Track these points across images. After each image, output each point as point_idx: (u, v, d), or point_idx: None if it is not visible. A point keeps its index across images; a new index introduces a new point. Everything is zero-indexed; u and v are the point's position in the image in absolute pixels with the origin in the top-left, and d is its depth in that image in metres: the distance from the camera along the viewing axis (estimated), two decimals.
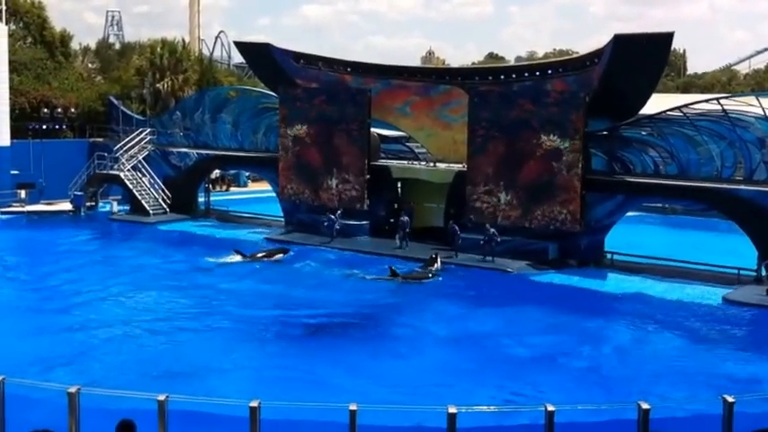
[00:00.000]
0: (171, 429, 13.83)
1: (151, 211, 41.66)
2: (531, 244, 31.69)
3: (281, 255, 33.03)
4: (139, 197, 42.09)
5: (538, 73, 34.41)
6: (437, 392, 17.68)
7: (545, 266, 31.03)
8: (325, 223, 35.14)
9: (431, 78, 37.44)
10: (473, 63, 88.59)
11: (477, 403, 15.38)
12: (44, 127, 46.53)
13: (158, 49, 54.07)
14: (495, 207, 32.48)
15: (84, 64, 63.40)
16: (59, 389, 15.20)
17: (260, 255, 32.71)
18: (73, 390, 14.50)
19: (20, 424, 14.45)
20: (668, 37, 28.98)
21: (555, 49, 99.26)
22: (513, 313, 25.37)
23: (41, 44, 53.78)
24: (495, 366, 20.02)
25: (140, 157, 43.15)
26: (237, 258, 32.17)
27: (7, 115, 44.17)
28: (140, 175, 42.74)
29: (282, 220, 39.40)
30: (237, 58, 64.40)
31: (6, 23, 45.37)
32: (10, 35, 47.03)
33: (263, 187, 45.83)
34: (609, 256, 31.95)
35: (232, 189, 53.10)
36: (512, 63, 73.70)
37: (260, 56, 39.82)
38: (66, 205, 43.22)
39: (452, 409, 13.87)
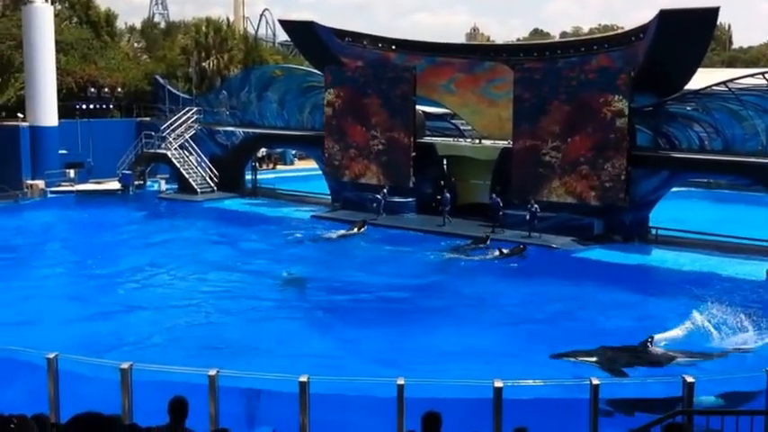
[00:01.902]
0: (224, 404, 14.34)
1: (198, 190, 42.30)
2: (575, 220, 31.70)
3: (363, 228, 33.82)
4: (187, 176, 42.73)
5: (583, 49, 34.25)
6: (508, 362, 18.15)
7: (590, 242, 31.07)
8: (374, 202, 35.43)
9: (475, 55, 37.40)
10: (518, 39, 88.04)
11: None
12: (91, 107, 47.23)
13: (203, 28, 54.63)
14: (539, 184, 32.48)
15: (130, 43, 64.13)
16: (112, 365, 15.74)
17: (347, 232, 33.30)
18: (125, 366, 14.99)
19: (74, 400, 15.00)
20: (714, 11, 28.70)
21: (600, 25, 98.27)
22: (566, 288, 25.57)
23: (87, 24, 54.45)
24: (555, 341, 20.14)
25: (187, 136, 43.74)
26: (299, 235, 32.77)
27: (55, 95, 44.73)
28: (187, 154, 43.36)
29: (329, 197, 39.76)
30: (282, 36, 64.66)
31: (52, 3, 45.86)
32: (56, 15, 47.42)
33: (309, 165, 46.23)
34: (654, 231, 31.92)
35: (278, 167, 53.55)
36: (557, 39, 72.88)
37: (304, 34, 40.02)
38: (114, 184, 43.88)
39: (498, 383, 14.17)
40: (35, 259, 31.14)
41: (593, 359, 18.08)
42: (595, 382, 14.13)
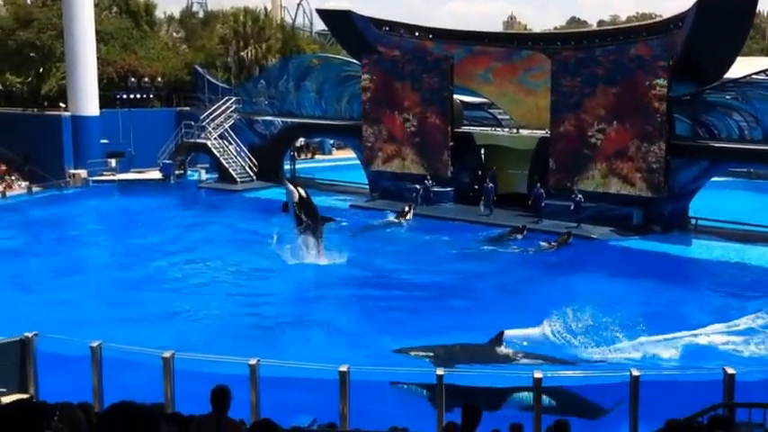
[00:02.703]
0: (267, 393, 14.59)
1: (238, 179, 42.72)
2: (614, 210, 31.58)
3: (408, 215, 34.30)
4: (226, 165, 43.17)
5: (621, 37, 33.98)
6: None
7: (629, 232, 30.95)
8: (413, 192, 35.48)
9: (513, 44, 37.27)
10: (555, 28, 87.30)
11: None
12: (132, 96, 47.75)
13: (241, 18, 54.90)
14: (578, 174, 32.38)
15: (169, 33, 64.57)
16: (154, 353, 16.06)
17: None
18: (167, 354, 15.31)
19: (116, 387, 15.34)
20: (753, 0, 28.35)
21: (638, 13, 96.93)
22: (603, 279, 25.59)
23: (127, 14, 54.88)
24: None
25: (226, 126, 44.13)
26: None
27: (96, 85, 45.30)
28: (227, 144, 43.78)
29: (367, 187, 39.98)
30: (319, 25, 64.71)
31: None
32: (96, 5, 47.80)
33: (347, 155, 46.42)
34: (693, 221, 31.70)
35: (317, 157, 53.78)
36: (594, 27, 72.24)
37: (341, 23, 40.17)
38: (155, 174, 44.47)
39: (538, 374, 14.29)
40: (81, 246, 31.84)
41: (431, 354, 18.10)
42: (635, 373, 14.28)
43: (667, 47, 31.34)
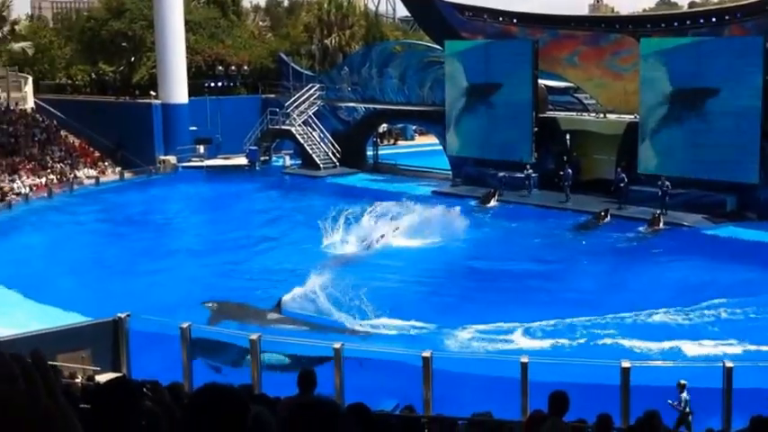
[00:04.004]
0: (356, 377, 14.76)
1: (321, 165, 43.18)
2: (707, 196, 30.69)
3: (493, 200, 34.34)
4: (310, 151, 43.65)
5: (714, 19, 32.93)
6: None
7: (722, 219, 30.04)
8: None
9: (600, 27, 36.60)
10: (644, 10, 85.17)
11: None
12: (219, 84, 48.76)
13: (325, 6, 55.37)
14: (668, 160, 31.59)
15: (255, 22, 65.77)
16: (242, 335, 16.44)
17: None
18: (254, 337, 15.70)
19: (201, 366, 15.77)
20: None
21: None
22: (697, 268, 25.03)
23: (214, 4, 56.01)
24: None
25: (310, 112, 44.59)
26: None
27: (185, 74, 46.47)
28: (311, 130, 44.26)
29: (449, 173, 39.87)
30: (402, 11, 64.89)
31: None
32: None
33: (429, 140, 46.40)
34: None
35: (399, 142, 53.93)
36: (685, 9, 70.23)
37: (425, 9, 40.12)
38: (241, 160, 45.33)
39: (626, 364, 14.04)
40: (170, 230, 32.83)
41: (212, 306, 20.85)
42: (729, 365, 13.90)
43: (763, 28, 30.20)
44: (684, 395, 13.99)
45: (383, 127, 50.23)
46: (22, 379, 1.57)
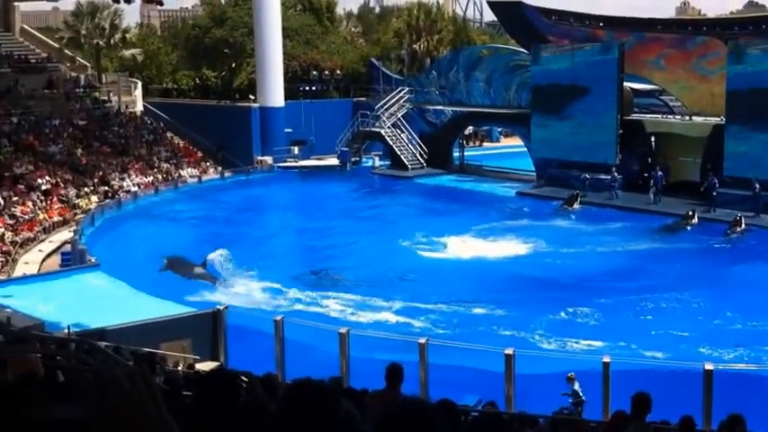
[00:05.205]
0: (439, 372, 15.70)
1: (409, 166, 44.58)
2: None
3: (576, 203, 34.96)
4: (399, 152, 45.10)
5: None
6: None
7: None
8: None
9: (687, 30, 36.88)
10: (732, 13, 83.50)
11: None
12: (313, 88, 50.66)
13: (415, 12, 56.77)
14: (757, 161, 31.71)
15: (348, 28, 67.49)
16: (331, 329, 17.54)
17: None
18: (343, 330, 16.72)
19: (295, 360, 16.81)
20: None
21: None
22: None
23: (310, 11, 57.85)
24: None
25: (399, 115, 46.01)
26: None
27: (281, 78, 48.46)
28: (399, 132, 45.72)
29: (533, 174, 40.69)
30: (489, 16, 65.61)
31: None
32: (282, 4, 50.73)
33: (514, 142, 47.26)
34: None
35: (485, 144, 54.83)
36: None
37: (512, 14, 41.04)
38: (333, 160, 47.11)
39: (709, 366, 14.56)
40: (268, 225, 34.81)
41: (166, 262, 25.97)
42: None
43: None
44: (576, 386, 15.07)
45: (469, 129, 51.23)
46: (129, 385, 1.62)
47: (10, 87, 41.48)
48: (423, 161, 45.04)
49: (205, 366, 15.87)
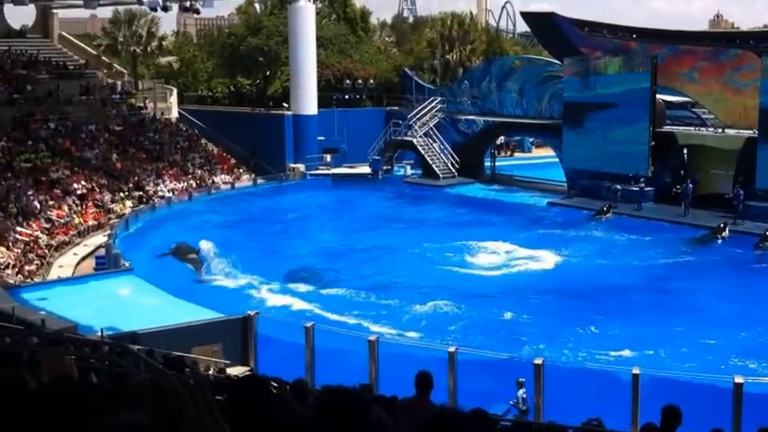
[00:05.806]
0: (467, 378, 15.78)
1: (441, 175, 44.74)
2: None
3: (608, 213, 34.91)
4: (430, 162, 45.29)
5: None
6: None
7: None
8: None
9: (720, 43, 36.69)
10: (765, 26, 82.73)
11: None
12: (346, 97, 51.06)
13: (448, 22, 57.03)
14: None
15: (382, 38, 67.94)
16: (360, 336, 17.67)
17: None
18: (372, 338, 16.87)
19: (325, 367, 16.90)
20: None
21: None
22: None
23: (344, 21, 58.50)
24: None
25: (431, 124, 46.23)
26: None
27: (315, 87, 48.84)
28: (431, 141, 45.91)
29: (564, 185, 40.66)
30: (522, 27, 65.75)
31: (314, 2, 49.62)
32: (317, 13, 51.45)
33: (546, 153, 47.22)
34: None
35: (516, 154, 54.83)
36: None
37: (545, 25, 41.14)
38: (365, 169, 47.36)
39: (739, 379, 14.51)
40: (301, 232, 35.20)
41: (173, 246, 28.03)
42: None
43: None
44: (521, 392, 15.04)
45: (501, 139, 51.31)
46: (190, 403, 1.61)
47: (50, 92, 42.28)
48: (454, 170, 45.18)
49: (235, 371, 16.11)
